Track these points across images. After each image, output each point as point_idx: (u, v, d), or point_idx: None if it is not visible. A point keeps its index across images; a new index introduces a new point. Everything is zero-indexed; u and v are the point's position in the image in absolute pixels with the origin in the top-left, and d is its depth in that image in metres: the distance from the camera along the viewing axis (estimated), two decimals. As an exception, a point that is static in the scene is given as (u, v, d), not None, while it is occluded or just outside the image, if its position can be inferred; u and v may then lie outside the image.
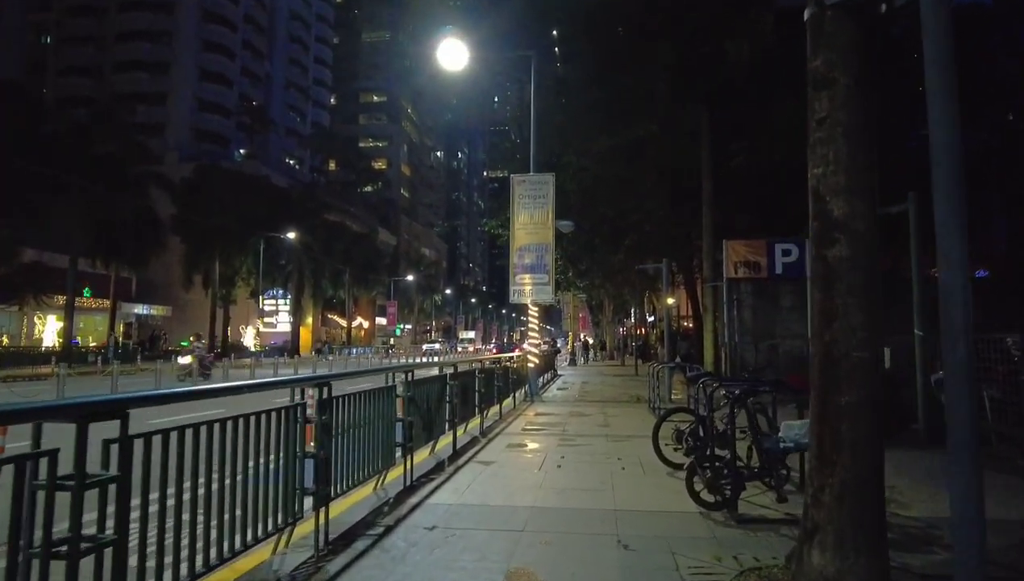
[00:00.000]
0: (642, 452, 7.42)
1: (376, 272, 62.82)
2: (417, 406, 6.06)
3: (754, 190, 21.65)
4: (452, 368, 7.49)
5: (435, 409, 6.75)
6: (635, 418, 10.92)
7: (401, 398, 5.66)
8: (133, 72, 62.73)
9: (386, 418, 5.30)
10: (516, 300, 14.35)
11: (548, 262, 14.21)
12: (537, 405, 13.18)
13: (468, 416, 8.52)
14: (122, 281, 47.13)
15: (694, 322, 32.21)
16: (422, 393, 6.26)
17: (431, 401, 6.60)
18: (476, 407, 8.97)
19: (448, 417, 7.29)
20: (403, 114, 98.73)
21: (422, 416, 6.29)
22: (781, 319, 20.27)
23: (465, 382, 8.26)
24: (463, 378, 8.09)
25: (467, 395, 8.33)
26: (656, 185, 20.75)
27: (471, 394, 8.56)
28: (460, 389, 7.78)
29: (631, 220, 24.38)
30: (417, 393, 6.04)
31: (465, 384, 8.25)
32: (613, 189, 21.01)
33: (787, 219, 22.31)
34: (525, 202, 14.42)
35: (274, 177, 55.00)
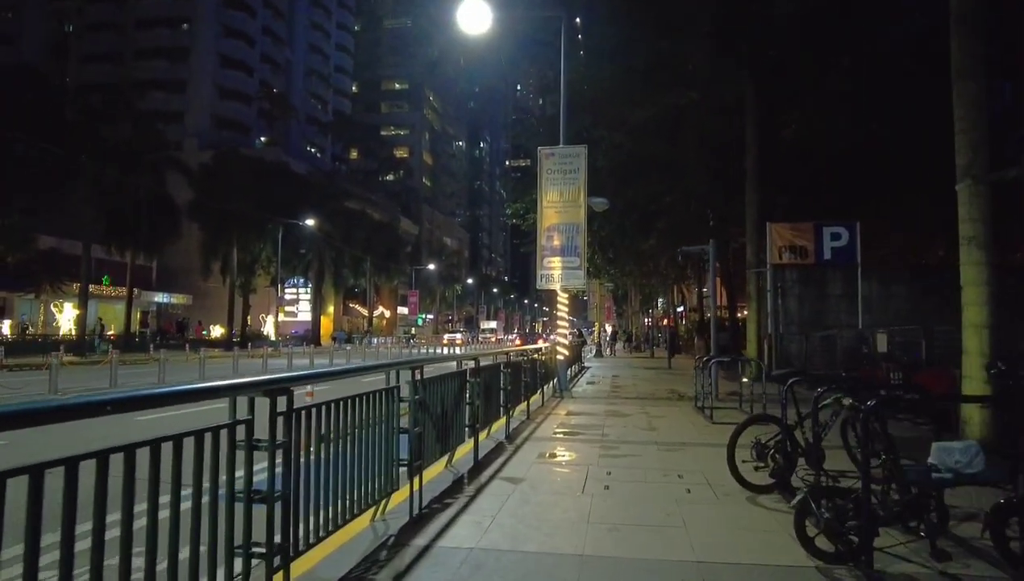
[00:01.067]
0: (706, 467, 6.03)
1: (397, 261, 61.87)
2: (428, 411, 4.75)
3: (803, 167, 19.96)
4: (473, 362, 6.15)
5: (451, 414, 5.43)
6: (682, 420, 9.51)
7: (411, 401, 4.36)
8: (153, 59, 62.35)
9: (385, 426, 3.99)
10: (544, 286, 12.97)
11: (579, 244, 12.79)
12: (567, 402, 11.83)
13: (492, 418, 7.19)
14: (142, 269, 46.79)
15: (728, 312, 30.54)
16: (434, 394, 4.95)
17: (446, 404, 5.28)
18: (502, 407, 7.64)
19: (468, 422, 5.97)
20: (425, 102, 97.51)
21: (435, 423, 4.97)
22: (829, 308, 18.64)
23: (489, 379, 6.93)
24: (487, 374, 6.76)
25: (491, 394, 7.00)
26: (694, 163, 19.17)
27: (495, 393, 7.22)
28: (483, 388, 6.46)
29: (663, 203, 22.84)
30: (429, 394, 4.74)
31: (489, 382, 6.92)
32: (647, 168, 19.47)
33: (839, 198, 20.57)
34: (554, 178, 13.00)
35: (293, 164, 54.19)
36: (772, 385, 10.37)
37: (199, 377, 17.32)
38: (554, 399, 12.24)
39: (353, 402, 3.58)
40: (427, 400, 4.76)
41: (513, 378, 8.25)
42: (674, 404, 11.68)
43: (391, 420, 4.08)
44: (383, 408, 3.96)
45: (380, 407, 3.93)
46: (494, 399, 7.18)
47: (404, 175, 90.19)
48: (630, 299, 48.44)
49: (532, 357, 10.61)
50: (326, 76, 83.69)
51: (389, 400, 4.07)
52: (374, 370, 4.35)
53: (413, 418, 4.34)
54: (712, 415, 9.33)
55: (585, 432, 8.26)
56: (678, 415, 10.10)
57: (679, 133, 18.86)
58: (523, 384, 9.31)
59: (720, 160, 19.58)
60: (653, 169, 19.93)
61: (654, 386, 15.40)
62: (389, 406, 4.06)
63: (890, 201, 21.13)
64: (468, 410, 5.98)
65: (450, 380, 5.42)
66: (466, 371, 5.94)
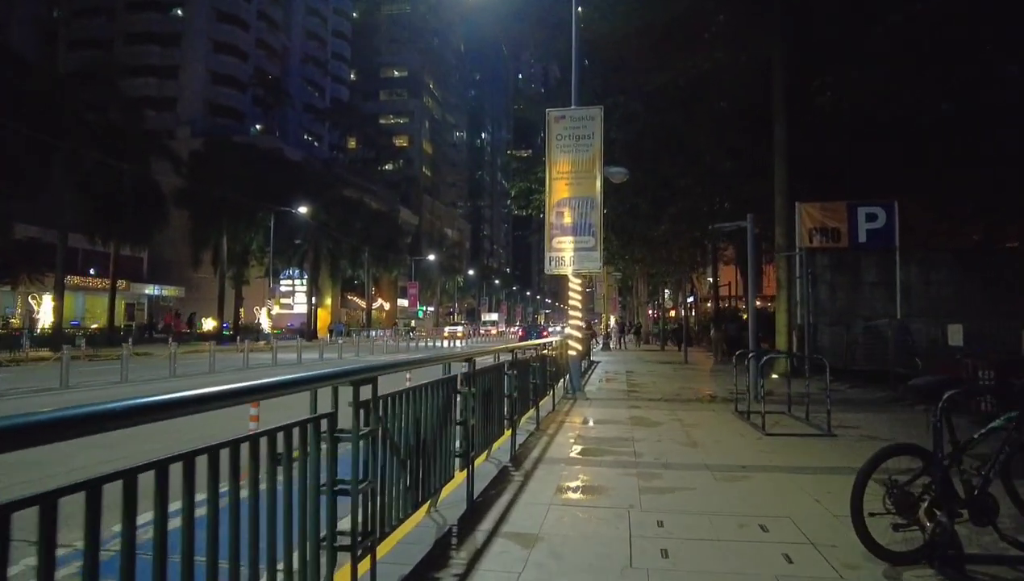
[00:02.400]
0: (796, 511, 4.30)
1: (397, 252, 60.09)
2: (391, 445, 3.02)
3: (837, 139, 18.13)
4: (465, 365, 4.40)
5: (431, 441, 3.68)
6: (727, 431, 7.76)
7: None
8: (144, 44, 60.37)
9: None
10: (553, 270, 11.20)
11: (594, 221, 11.01)
12: (582, 405, 10.09)
13: (493, 436, 5.46)
14: (132, 260, 45.11)
15: (746, 301, 28.75)
16: (399, 417, 3.21)
17: (423, 428, 3.54)
18: (505, 420, 5.91)
19: (459, 449, 4.23)
20: (424, 90, 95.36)
21: (404, 460, 3.24)
22: (863, 297, 16.81)
23: (489, 386, 5.19)
24: (485, 380, 5.02)
25: (491, 406, 5.25)
26: (714, 137, 17.35)
27: (496, 404, 5.46)
28: (480, 398, 4.72)
29: (678, 186, 21.05)
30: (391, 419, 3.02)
31: (489, 389, 5.17)
32: (663, 144, 17.65)
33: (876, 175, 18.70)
34: (565, 144, 11.21)
35: (288, 151, 52.39)
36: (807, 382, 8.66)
37: (169, 374, 15.61)
38: (566, 401, 10.50)
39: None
40: (391, 426, 3.03)
41: (520, 382, 6.51)
42: (707, 407, 9.94)
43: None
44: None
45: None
46: (495, 411, 5.43)
47: (404, 164, 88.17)
48: (635, 290, 46.63)
49: (541, 353, 8.87)
50: (323, 63, 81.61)
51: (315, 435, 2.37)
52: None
53: (358, 463, 2.62)
54: (764, 424, 7.57)
55: (611, 449, 6.51)
56: (718, 423, 8.35)
57: (698, 103, 17.05)
58: (532, 387, 7.57)
59: (742, 136, 17.79)
60: (670, 145, 18.12)
61: (676, 384, 13.65)
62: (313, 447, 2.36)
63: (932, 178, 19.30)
64: (458, 431, 4.24)
65: (430, 393, 3.67)
66: (456, 378, 4.18)
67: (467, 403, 4.27)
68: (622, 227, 21.00)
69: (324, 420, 2.47)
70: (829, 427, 7.47)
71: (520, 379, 6.64)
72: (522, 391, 6.82)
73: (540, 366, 8.34)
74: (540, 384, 8.31)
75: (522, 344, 7.39)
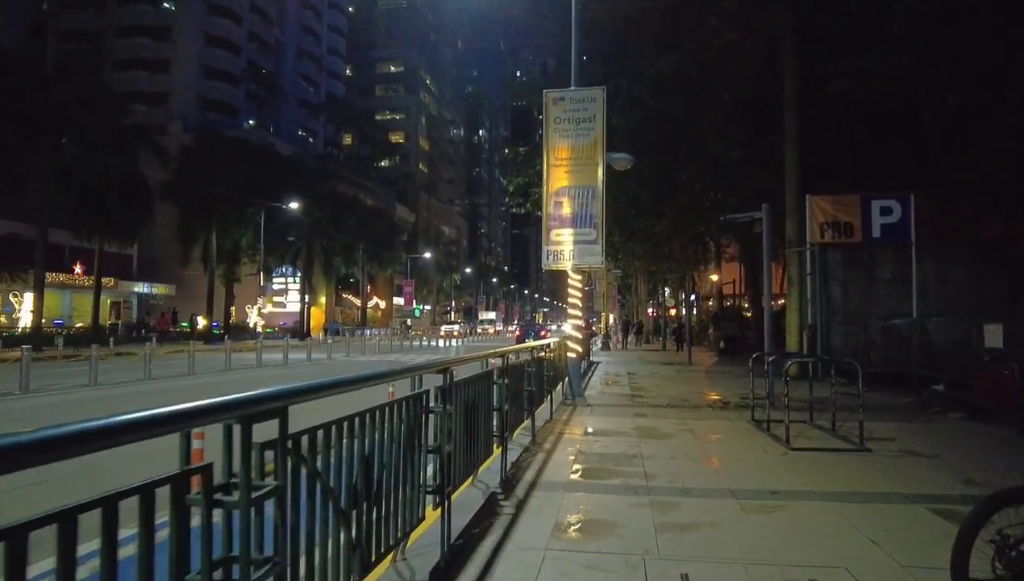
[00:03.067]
0: (850, 556, 3.46)
1: (392, 249, 59.15)
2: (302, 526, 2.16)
3: (849, 132, 17.29)
4: (442, 376, 3.52)
5: (394, 475, 2.81)
6: (747, 445, 6.90)
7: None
8: (135, 37, 59.31)
9: None
10: (551, 265, 10.33)
11: (596, 212, 10.14)
12: (582, 413, 9.22)
13: (478, 460, 4.58)
14: (121, 257, 44.14)
15: (751, 300, 27.91)
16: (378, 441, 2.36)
17: (384, 461, 2.67)
18: (495, 437, 5.04)
19: (433, 484, 3.35)
20: (421, 85, 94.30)
21: (353, 507, 2.37)
22: (878, 295, 15.96)
23: (473, 398, 4.31)
24: (468, 392, 4.14)
25: (475, 424, 4.37)
26: (720, 126, 16.50)
27: (481, 422, 4.58)
28: (462, 416, 3.85)
29: (680, 180, 20.21)
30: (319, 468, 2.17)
31: (473, 402, 4.30)
32: (668, 132, 16.79)
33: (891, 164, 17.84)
34: (564, 128, 10.33)
35: (280, 145, 51.41)
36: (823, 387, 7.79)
37: (144, 376, 14.72)
38: (565, 407, 9.63)
39: None
40: (323, 471, 2.16)
41: (512, 391, 5.64)
42: (720, 415, 9.08)
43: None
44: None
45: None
46: (481, 430, 4.55)
47: (400, 161, 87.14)
48: (635, 288, 45.80)
49: (538, 356, 8.00)
50: (318, 58, 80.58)
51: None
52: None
53: (249, 537, 1.74)
54: (788, 437, 6.71)
55: (618, 469, 5.64)
56: (735, 435, 7.49)
57: (704, 91, 16.21)
58: (526, 396, 6.70)
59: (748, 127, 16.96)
60: (673, 135, 17.27)
61: (683, 387, 12.79)
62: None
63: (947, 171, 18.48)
64: (432, 460, 3.37)
65: (390, 416, 2.79)
66: (425, 395, 3.30)
67: (442, 425, 3.39)
68: (624, 220, 20.11)
69: (193, 477, 1.61)
70: (862, 440, 6.62)
71: (513, 388, 5.77)
72: (515, 402, 5.96)
73: (536, 371, 7.47)
74: (536, 391, 7.45)
75: (515, 347, 6.51)
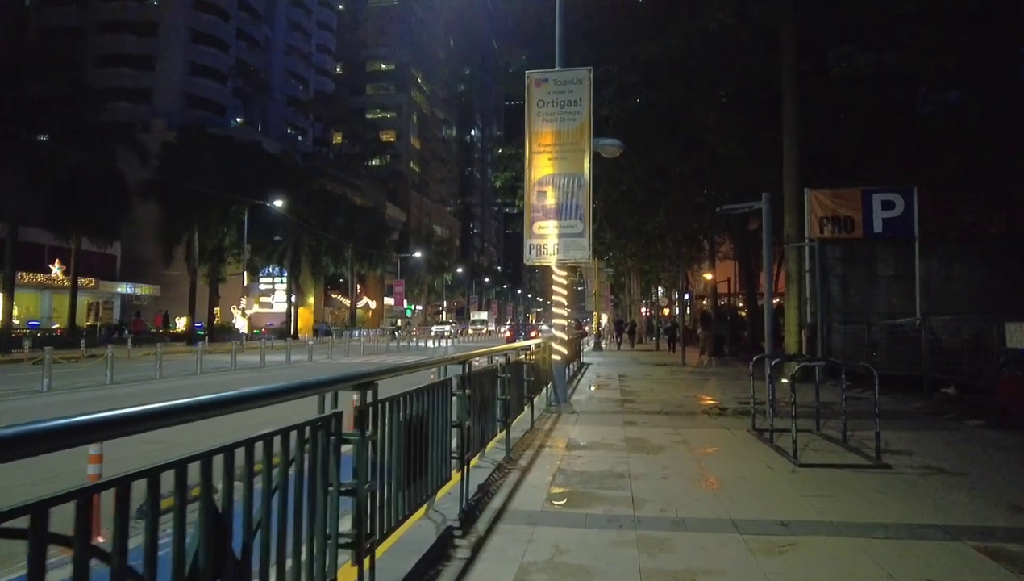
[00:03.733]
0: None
1: (382, 248, 58.19)
2: None
3: (854, 121, 16.61)
4: (361, 393, 2.69)
5: (282, 530, 1.98)
6: (748, 459, 6.12)
7: None
8: (119, 33, 58.17)
9: None
10: (534, 260, 9.52)
11: (582, 202, 9.34)
12: (567, 422, 8.42)
13: (427, 491, 3.75)
14: (103, 257, 43.10)
15: (746, 299, 27.19)
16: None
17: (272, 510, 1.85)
18: (453, 460, 4.22)
19: (349, 535, 2.53)
20: (413, 84, 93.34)
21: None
22: (879, 292, 15.23)
23: (421, 413, 3.49)
24: (412, 408, 3.32)
25: (422, 448, 3.54)
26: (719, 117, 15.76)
27: (432, 444, 3.74)
28: (399, 441, 3.03)
29: (673, 175, 19.49)
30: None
31: (421, 417, 3.48)
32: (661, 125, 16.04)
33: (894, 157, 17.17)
34: (547, 112, 9.53)
35: (266, 143, 50.43)
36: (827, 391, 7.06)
37: (107, 380, 13.83)
38: (548, 416, 8.83)
39: None
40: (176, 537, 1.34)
41: (479, 404, 4.83)
42: (717, 423, 8.29)
43: None
44: None
45: None
46: (431, 455, 3.72)
47: (391, 160, 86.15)
48: (628, 288, 45.04)
49: (518, 359, 7.20)
50: (307, 55, 79.51)
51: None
52: None
53: None
54: (795, 452, 5.92)
55: (601, 493, 4.84)
56: (735, 447, 6.71)
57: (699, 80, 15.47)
58: (500, 406, 5.88)
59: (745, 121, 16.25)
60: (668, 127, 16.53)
61: (676, 391, 12.01)
62: None
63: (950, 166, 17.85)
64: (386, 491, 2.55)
65: (297, 444, 1.98)
66: (331, 421, 2.47)
67: (363, 458, 2.58)
68: (616, 215, 19.33)
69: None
70: (879, 454, 5.84)
71: (480, 398, 4.96)
72: (484, 415, 5.15)
73: (514, 377, 6.67)
74: (514, 399, 6.64)
75: (482, 351, 5.69)
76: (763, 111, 16.00)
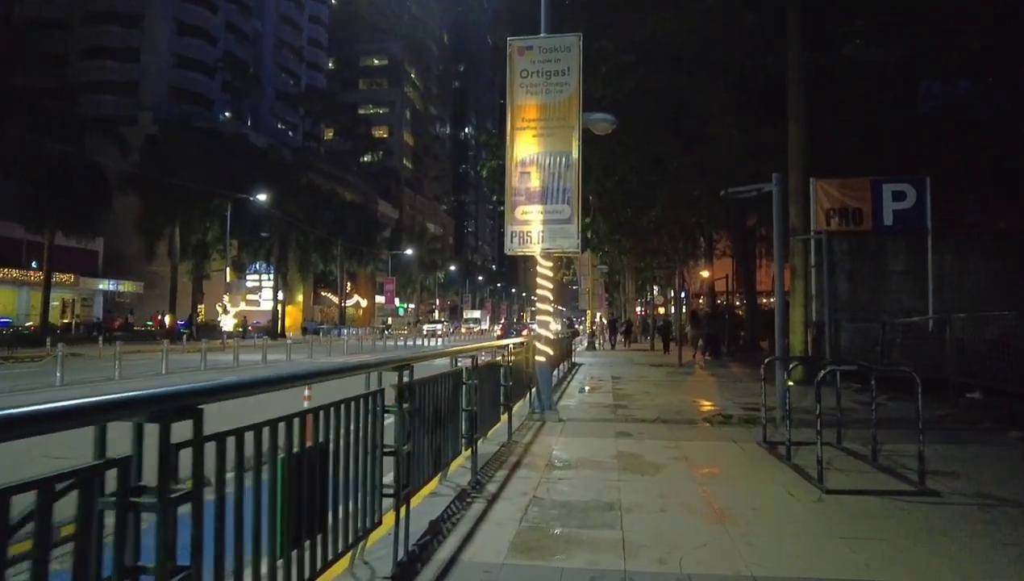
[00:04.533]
0: None
1: (373, 245, 57.01)
2: None
3: (867, 103, 15.63)
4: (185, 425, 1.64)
5: None
6: (763, 484, 5.09)
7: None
8: (104, 24, 56.82)
9: None
10: (516, 249, 8.48)
11: (570, 184, 8.30)
12: (551, 432, 7.39)
13: (341, 547, 2.71)
14: (84, 253, 41.84)
15: (745, 298, 26.21)
16: None
17: None
18: (385, 497, 3.18)
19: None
20: (406, 79, 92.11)
21: None
22: (889, 289, 14.28)
23: (349, 434, 2.45)
24: (330, 425, 2.29)
25: (313, 492, 2.49)
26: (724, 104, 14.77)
27: (355, 474, 2.70)
28: (296, 473, 2.00)
29: (671, 167, 18.52)
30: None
31: (320, 450, 2.44)
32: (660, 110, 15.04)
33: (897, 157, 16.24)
34: (531, 83, 8.50)
35: (253, 136, 49.24)
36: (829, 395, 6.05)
37: (58, 382, 12.74)
38: (531, 424, 7.81)
39: None
40: None
41: (429, 421, 3.79)
42: (722, 434, 7.28)
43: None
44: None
45: None
46: (352, 491, 2.69)
47: (383, 156, 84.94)
48: (623, 286, 44.07)
49: (492, 362, 6.18)
50: (298, 49, 78.18)
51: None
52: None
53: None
54: (821, 475, 4.90)
55: (583, 537, 3.80)
56: (746, 466, 5.68)
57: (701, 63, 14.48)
58: (465, 419, 4.84)
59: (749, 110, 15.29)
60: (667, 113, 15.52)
61: (673, 395, 11.01)
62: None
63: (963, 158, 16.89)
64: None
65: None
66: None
67: (161, 526, 1.54)
68: (610, 207, 18.30)
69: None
70: (922, 477, 4.84)
71: (434, 410, 3.93)
72: (441, 432, 4.11)
73: (487, 382, 5.63)
74: (486, 408, 5.60)
75: (443, 352, 4.67)
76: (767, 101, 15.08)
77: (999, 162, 16.80)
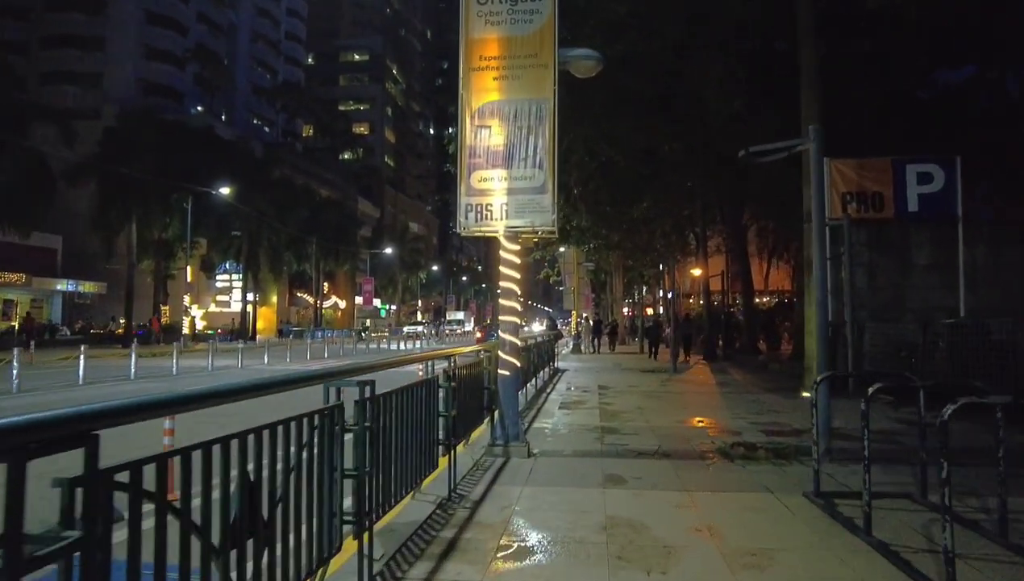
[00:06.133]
0: None
1: (351, 244, 54.64)
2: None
3: (889, 68, 13.82)
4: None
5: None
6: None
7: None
8: (65, 12, 54.02)
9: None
10: (472, 228, 6.41)
11: (545, 143, 6.25)
12: (515, 476, 5.34)
13: None
14: (41, 252, 39.22)
15: (744, 296, 24.39)
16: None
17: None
18: None
19: None
20: (387, 75, 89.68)
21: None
22: (913, 284, 12.45)
23: None
24: None
25: None
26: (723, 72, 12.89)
27: None
28: None
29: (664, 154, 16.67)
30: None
31: None
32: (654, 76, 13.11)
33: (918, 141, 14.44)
34: (493, 11, 6.46)
35: (220, 129, 46.77)
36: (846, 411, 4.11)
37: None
38: (489, 462, 5.77)
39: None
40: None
41: (295, 485, 1.72)
42: (750, 478, 5.26)
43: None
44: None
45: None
46: None
47: (364, 153, 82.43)
48: (610, 286, 42.17)
49: (417, 382, 4.14)
50: (275, 42, 75.56)
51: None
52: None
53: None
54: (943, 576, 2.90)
55: None
56: (805, 550, 3.66)
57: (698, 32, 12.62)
58: (354, 489, 2.78)
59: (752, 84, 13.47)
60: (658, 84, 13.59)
61: (673, 413, 9.01)
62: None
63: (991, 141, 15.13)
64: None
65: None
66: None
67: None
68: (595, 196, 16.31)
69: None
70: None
71: (307, 468, 1.89)
72: (320, 501, 2.06)
73: (405, 416, 3.59)
74: (409, 457, 3.55)
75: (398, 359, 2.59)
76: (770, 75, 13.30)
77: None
